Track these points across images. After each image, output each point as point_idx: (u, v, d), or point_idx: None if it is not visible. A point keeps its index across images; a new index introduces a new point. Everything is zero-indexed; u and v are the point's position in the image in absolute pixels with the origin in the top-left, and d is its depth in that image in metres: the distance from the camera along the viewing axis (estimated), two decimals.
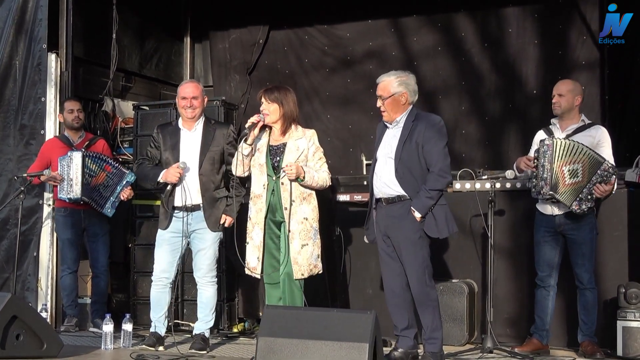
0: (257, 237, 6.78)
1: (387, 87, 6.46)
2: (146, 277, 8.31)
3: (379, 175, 6.47)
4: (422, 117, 6.49)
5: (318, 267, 6.78)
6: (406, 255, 6.36)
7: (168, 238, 7.04)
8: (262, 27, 10.49)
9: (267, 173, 6.76)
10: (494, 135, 9.41)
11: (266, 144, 6.83)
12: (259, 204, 6.76)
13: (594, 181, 6.63)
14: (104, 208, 8.14)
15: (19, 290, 8.26)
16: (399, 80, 6.46)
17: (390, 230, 6.42)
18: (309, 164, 6.77)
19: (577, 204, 6.65)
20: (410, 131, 6.38)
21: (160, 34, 10.78)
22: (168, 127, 7.27)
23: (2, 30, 8.67)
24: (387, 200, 6.43)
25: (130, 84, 10.14)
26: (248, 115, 10.25)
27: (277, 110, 6.76)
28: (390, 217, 6.41)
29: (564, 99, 6.92)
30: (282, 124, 6.79)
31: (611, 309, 6.97)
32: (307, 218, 6.72)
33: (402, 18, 9.93)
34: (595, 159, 6.65)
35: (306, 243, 6.69)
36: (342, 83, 10.22)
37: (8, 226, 8.51)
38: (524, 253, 7.46)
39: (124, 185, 8.15)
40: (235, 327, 8.50)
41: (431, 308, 6.39)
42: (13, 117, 8.63)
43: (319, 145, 6.87)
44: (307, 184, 6.68)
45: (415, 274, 6.35)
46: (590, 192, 6.64)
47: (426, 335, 6.42)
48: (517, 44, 9.35)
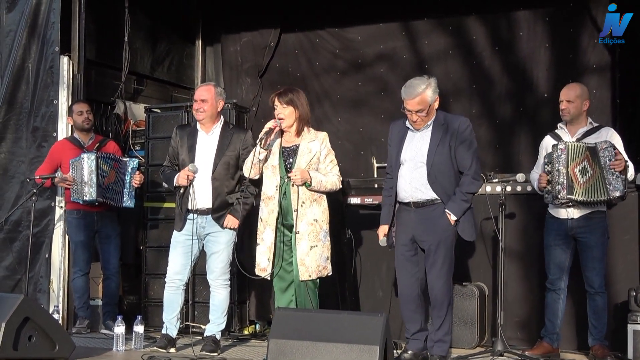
0: (268, 239, 6.79)
1: (424, 100, 6.38)
2: (157, 279, 8.35)
3: (408, 180, 6.46)
4: (451, 119, 6.50)
5: (327, 269, 6.79)
6: (437, 257, 6.39)
7: (182, 240, 7.06)
8: (273, 30, 10.52)
9: (279, 175, 6.79)
10: (504, 138, 9.40)
11: (279, 145, 6.86)
12: (271, 205, 6.78)
13: (604, 165, 6.60)
14: (123, 202, 8.18)
15: (31, 292, 8.28)
16: (431, 88, 6.41)
17: (421, 234, 6.43)
18: (320, 167, 6.79)
19: (613, 189, 6.61)
20: (443, 135, 6.39)
21: (172, 36, 10.82)
22: (187, 129, 7.31)
23: (15, 33, 8.69)
24: (416, 204, 6.44)
25: (142, 87, 10.17)
26: (259, 118, 10.36)
27: (293, 112, 6.79)
28: (423, 220, 6.42)
29: (572, 105, 6.90)
30: (298, 126, 6.82)
31: (622, 312, 6.96)
32: (317, 220, 6.73)
33: (413, 21, 9.94)
34: (590, 148, 6.65)
35: (315, 244, 6.70)
36: (353, 86, 10.23)
37: (20, 228, 8.54)
38: (534, 256, 7.45)
39: (130, 172, 8.18)
40: (246, 329, 8.51)
41: (449, 312, 6.47)
42: (25, 120, 8.65)
43: (330, 148, 6.89)
44: (314, 189, 6.71)
45: (444, 276, 6.40)
46: (611, 174, 6.60)
47: (436, 337, 6.43)
48: (527, 47, 9.35)
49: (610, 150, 6.61)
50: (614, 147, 6.64)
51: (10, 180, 8.66)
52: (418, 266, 6.49)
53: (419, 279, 6.49)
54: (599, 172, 6.63)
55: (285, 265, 6.81)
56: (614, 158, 6.59)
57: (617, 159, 6.59)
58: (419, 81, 6.44)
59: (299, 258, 6.68)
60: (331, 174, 6.82)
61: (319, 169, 6.80)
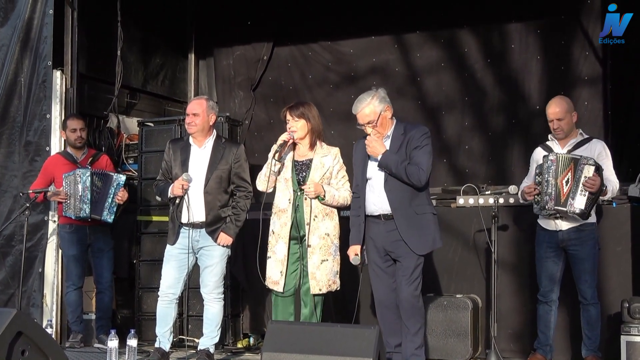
0: (280, 252, 6.80)
1: (372, 111, 6.40)
2: (151, 292, 8.34)
3: (377, 193, 6.43)
4: (410, 129, 6.45)
5: (337, 284, 6.82)
6: (406, 266, 6.34)
7: (176, 254, 7.05)
8: (266, 44, 10.56)
9: (292, 188, 6.81)
10: (497, 151, 9.43)
11: (291, 159, 6.89)
12: (284, 218, 6.80)
13: (577, 177, 6.59)
14: (102, 216, 8.13)
15: (24, 306, 8.26)
16: (376, 98, 6.41)
17: (392, 245, 6.41)
18: (332, 182, 6.84)
19: (571, 203, 6.61)
20: (400, 144, 6.38)
21: (165, 50, 10.84)
22: (180, 143, 7.30)
23: (7, 47, 8.69)
24: (386, 217, 6.43)
25: (135, 101, 10.19)
26: (252, 132, 10.37)
27: (305, 126, 6.83)
28: (393, 233, 6.38)
29: (564, 122, 6.89)
30: (310, 139, 6.87)
31: (615, 323, 6.96)
32: (328, 234, 6.77)
33: (405, 34, 9.98)
34: (575, 160, 6.66)
35: (326, 259, 6.73)
36: (346, 99, 10.22)
37: (13, 242, 8.51)
38: (527, 268, 7.45)
39: (115, 188, 8.14)
40: (240, 342, 8.51)
41: (419, 323, 6.38)
42: (18, 134, 8.64)
43: (342, 164, 6.94)
44: (327, 202, 6.74)
45: (408, 285, 6.32)
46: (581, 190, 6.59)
47: (409, 352, 6.37)
48: (519, 60, 9.39)
49: (590, 169, 6.60)
50: (597, 169, 6.62)
51: (3, 194, 8.64)
52: (393, 277, 6.47)
53: (395, 290, 6.46)
54: (572, 184, 6.64)
55: (290, 279, 6.81)
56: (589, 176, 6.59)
57: (592, 178, 6.58)
58: (365, 95, 6.48)
59: (310, 272, 6.71)
60: (343, 189, 6.85)
61: (331, 183, 6.84)
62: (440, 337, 7.48)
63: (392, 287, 6.46)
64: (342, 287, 6.89)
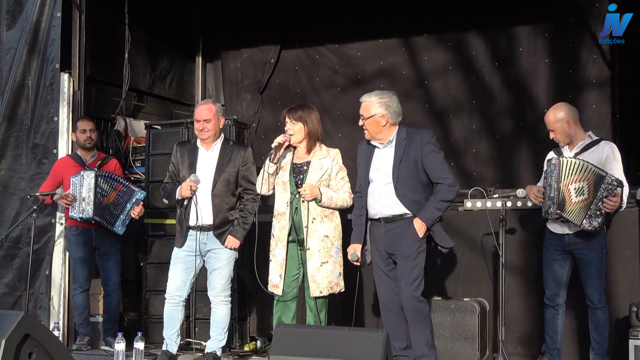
0: (279, 255, 6.79)
1: (368, 108, 6.51)
2: (158, 295, 8.33)
3: (376, 197, 6.47)
4: (414, 133, 6.49)
5: (340, 286, 6.80)
6: (403, 267, 6.36)
7: (183, 257, 7.06)
8: (273, 47, 10.55)
9: (290, 191, 6.80)
10: (504, 154, 9.41)
11: (290, 161, 6.88)
12: (282, 222, 6.79)
13: (600, 196, 6.58)
14: (115, 226, 8.14)
15: (31, 308, 8.26)
16: (380, 101, 6.48)
17: (392, 247, 6.42)
18: (331, 184, 6.81)
19: (588, 221, 6.60)
20: (405, 148, 6.40)
21: (172, 53, 10.85)
22: (187, 145, 7.31)
23: (15, 50, 8.70)
24: (386, 220, 6.45)
25: (142, 104, 10.20)
26: (259, 135, 10.36)
27: (302, 129, 6.81)
28: (392, 234, 6.41)
29: (556, 132, 6.88)
30: (307, 142, 6.85)
31: (623, 327, 6.95)
32: (328, 236, 6.74)
33: (412, 37, 9.97)
34: (598, 174, 6.60)
35: (326, 261, 6.71)
36: (353, 102, 10.13)
37: (20, 245, 8.52)
38: (535, 271, 7.43)
39: (133, 202, 8.15)
40: (247, 345, 8.50)
41: (423, 324, 6.39)
42: (25, 137, 8.64)
43: (342, 165, 6.91)
44: (324, 205, 6.72)
45: (407, 286, 6.33)
46: (598, 208, 6.58)
47: (418, 354, 6.38)
48: (527, 63, 9.37)
49: (613, 189, 6.57)
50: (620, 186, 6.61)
51: (10, 197, 8.65)
52: (396, 281, 6.47)
53: (398, 293, 6.46)
54: (591, 200, 6.61)
55: (289, 282, 6.80)
56: (611, 196, 6.57)
57: (613, 200, 6.57)
58: (377, 91, 6.66)
59: (310, 274, 6.69)
60: (342, 190, 6.83)
61: (330, 185, 6.81)
62: (447, 340, 7.47)
63: (395, 290, 6.47)
64: (349, 289, 6.87)
